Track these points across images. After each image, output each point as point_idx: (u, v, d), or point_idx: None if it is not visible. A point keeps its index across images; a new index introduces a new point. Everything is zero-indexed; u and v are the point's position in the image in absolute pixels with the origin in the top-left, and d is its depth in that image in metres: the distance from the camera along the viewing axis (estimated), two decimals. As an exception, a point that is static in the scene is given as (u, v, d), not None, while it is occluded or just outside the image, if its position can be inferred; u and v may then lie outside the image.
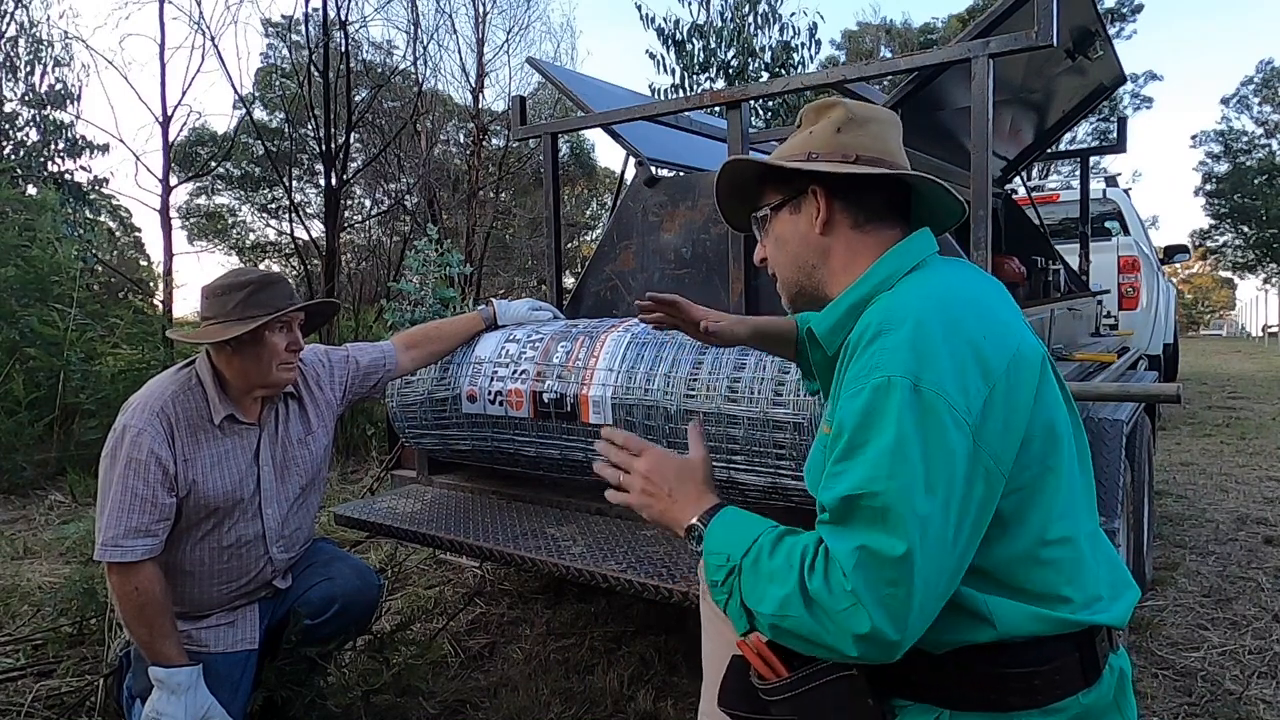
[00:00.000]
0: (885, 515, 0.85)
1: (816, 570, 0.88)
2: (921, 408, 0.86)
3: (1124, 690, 0.99)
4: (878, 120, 1.10)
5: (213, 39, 8.41)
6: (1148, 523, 2.93)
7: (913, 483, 0.85)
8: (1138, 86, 24.63)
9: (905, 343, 0.90)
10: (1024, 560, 0.93)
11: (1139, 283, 6.03)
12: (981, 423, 0.88)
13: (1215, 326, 39.38)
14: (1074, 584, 0.95)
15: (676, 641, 2.46)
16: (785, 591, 0.89)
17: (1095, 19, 2.73)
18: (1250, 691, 2.19)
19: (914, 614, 0.84)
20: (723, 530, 1.01)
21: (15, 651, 2.39)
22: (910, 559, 0.83)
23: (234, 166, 17.02)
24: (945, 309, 0.94)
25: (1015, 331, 0.97)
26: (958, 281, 1.01)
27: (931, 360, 0.88)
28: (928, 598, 0.85)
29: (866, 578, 0.84)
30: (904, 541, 0.84)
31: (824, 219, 1.08)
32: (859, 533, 0.87)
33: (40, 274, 5.43)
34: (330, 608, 1.87)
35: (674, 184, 2.64)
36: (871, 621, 0.84)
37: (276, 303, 1.71)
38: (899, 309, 0.95)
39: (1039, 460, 0.93)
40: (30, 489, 4.66)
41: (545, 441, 2.14)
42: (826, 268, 1.10)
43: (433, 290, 5.56)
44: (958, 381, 0.88)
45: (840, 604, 0.85)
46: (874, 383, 0.89)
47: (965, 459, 0.87)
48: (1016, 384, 0.92)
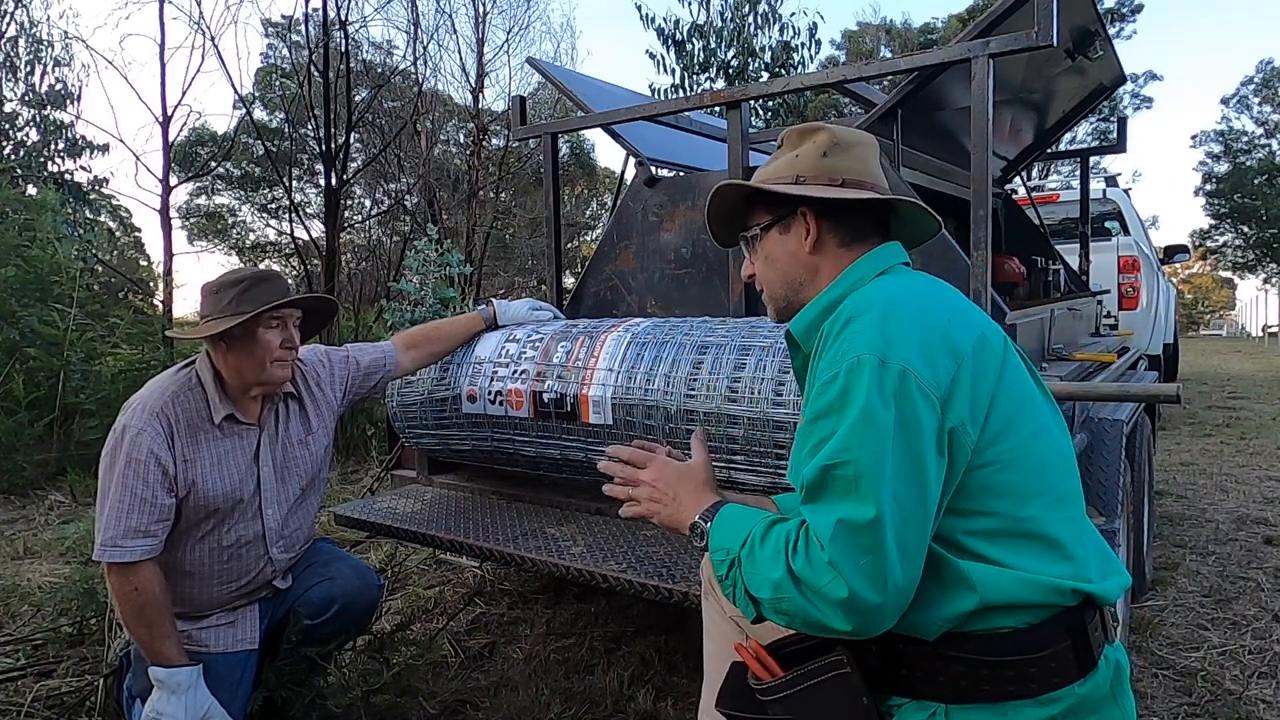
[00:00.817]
0: (857, 483, 0.90)
1: (799, 550, 0.92)
2: (889, 380, 0.91)
3: (1120, 682, 1.00)
4: (860, 144, 1.17)
5: (213, 39, 8.39)
6: (1148, 523, 2.93)
7: (881, 450, 0.89)
8: (1138, 86, 24.62)
9: (874, 324, 0.96)
10: (1004, 534, 0.96)
11: (1139, 283, 6.03)
12: (949, 396, 0.93)
13: (1215, 326, 39.37)
14: (1057, 555, 0.96)
15: (676, 641, 2.46)
16: (777, 576, 0.93)
17: (1095, 19, 2.73)
18: (1250, 691, 2.19)
19: (892, 576, 0.88)
20: (722, 526, 1.05)
21: (15, 651, 2.39)
22: (881, 522, 0.88)
23: (234, 166, 17.01)
24: (912, 297, 1.02)
25: (979, 318, 1.04)
26: (922, 280, 1.09)
27: (899, 338, 0.94)
28: (904, 559, 0.89)
29: (842, 547, 0.89)
30: (873, 506, 0.88)
31: (814, 239, 1.14)
32: (833, 505, 0.91)
33: (40, 274, 5.43)
34: (330, 608, 1.87)
35: (674, 184, 2.64)
36: (849, 587, 0.87)
37: (269, 298, 1.71)
38: (868, 298, 1.03)
39: (1009, 437, 0.97)
40: (30, 489, 4.66)
41: (545, 441, 2.14)
42: (814, 284, 1.16)
43: (433, 290, 5.55)
44: (925, 358, 0.93)
45: (822, 578, 0.89)
46: (845, 365, 0.94)
47: (933, 428, 0.91)
48: (983, 363, 0.97)
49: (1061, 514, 0.99)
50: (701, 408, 1.83)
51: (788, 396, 1.73)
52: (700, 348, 1.91)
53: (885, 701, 0.99)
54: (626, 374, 1.97)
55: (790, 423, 1.72)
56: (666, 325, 2.05)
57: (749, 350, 1.83)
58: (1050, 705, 0.93)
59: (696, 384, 1.86)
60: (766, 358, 1.80)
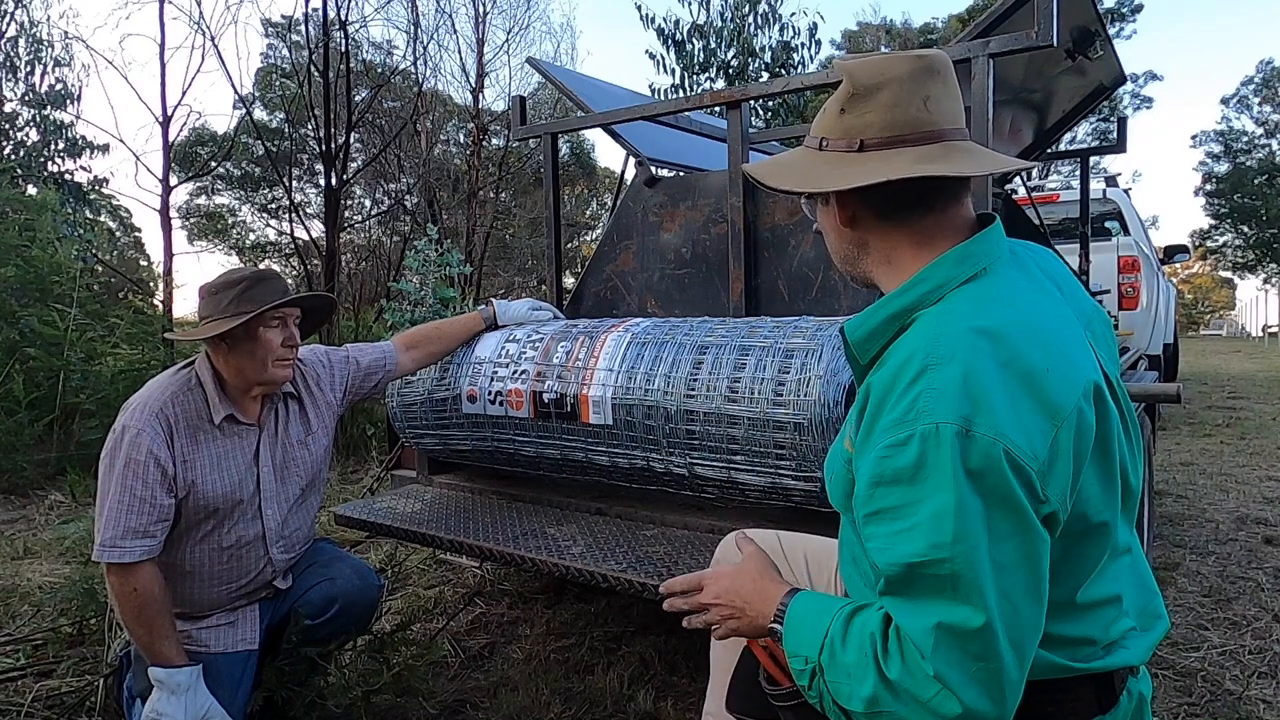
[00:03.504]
0: (955, 583, 0.78)
1: (892, 656, 0.82)
2: (978, 457, 0.78)
3: (1142, 714, 0.97)
4: (889, 83, 0.93)
5: (213, 39, 8.39)
6: (1148, 523, 2.93)
7: (978, 544, 0.77)
8: (1138, 86, 24.64)
9: (954, 381, 0.80)
10: (1060, 607, 0.87)
11: (1139, 283, 6.03)
12: (1049, 467, 0.80)
13: (1215, 326, 39.38)
14: (1103, 628, 0.91)
15: (676, 641, 2.45)
16: (869, 690, 0.82)
17: (1095, 19, 2.73)
18: (1250, 691, 2.19)
19: (1008, 681, 0.78)
20: (794, 629, 0.95)
21: (15, 651, 2.39)
22: (991, 628, 0.77)
23: (234, 166, 17.01)
24: (1000, 339, 0.83)
25: (1082, 364, 0.87)
26: (1020, 302, 0.89)
27: (985, 401, 0.79)
28: (1019, 656, 0.79)
29: (948, 657, 0.78)
30: (981, 612, 0.77)
31: (844, 216, 0.99)
32: (930, 606, 0.80)
33: (40, 274, 5.43)
34: (331, 608, 1.87)
35: (674, 184, 2.64)
36: (963, 704, 0.77)
37: (269, 298, 1.70)
38: (945, 341, 0.84)
39: (1094, 510, 0.87)
40: (30, 489, 4.66)
41: (545, 441, 2.14)
42: (868, 259, 1.00)
43: (433, 290, 5.56)
44: (1016, 422, 0.79)
45: (927, 691, 0.79)
46: (921, 430, 0.80)
47: (1031, 509, 0.79)
48: (1085, 423, 0.83)
49: (1116, 571, 0.92)
50: (701, 408, 1.83)
51: (788, 396, 1.73)
52: (700, 348, 1.91)
53: None
54: (626, 374, 1.97)
55: (790, 423, 1.72)
56: (666, 325, 2.05)
57: (749, 350, 1.83)
58: None
59: (696, 384, 1.86)
60: (766, 358, 1.80)
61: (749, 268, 2.31)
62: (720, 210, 2.44)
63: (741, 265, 2.31)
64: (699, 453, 1.86)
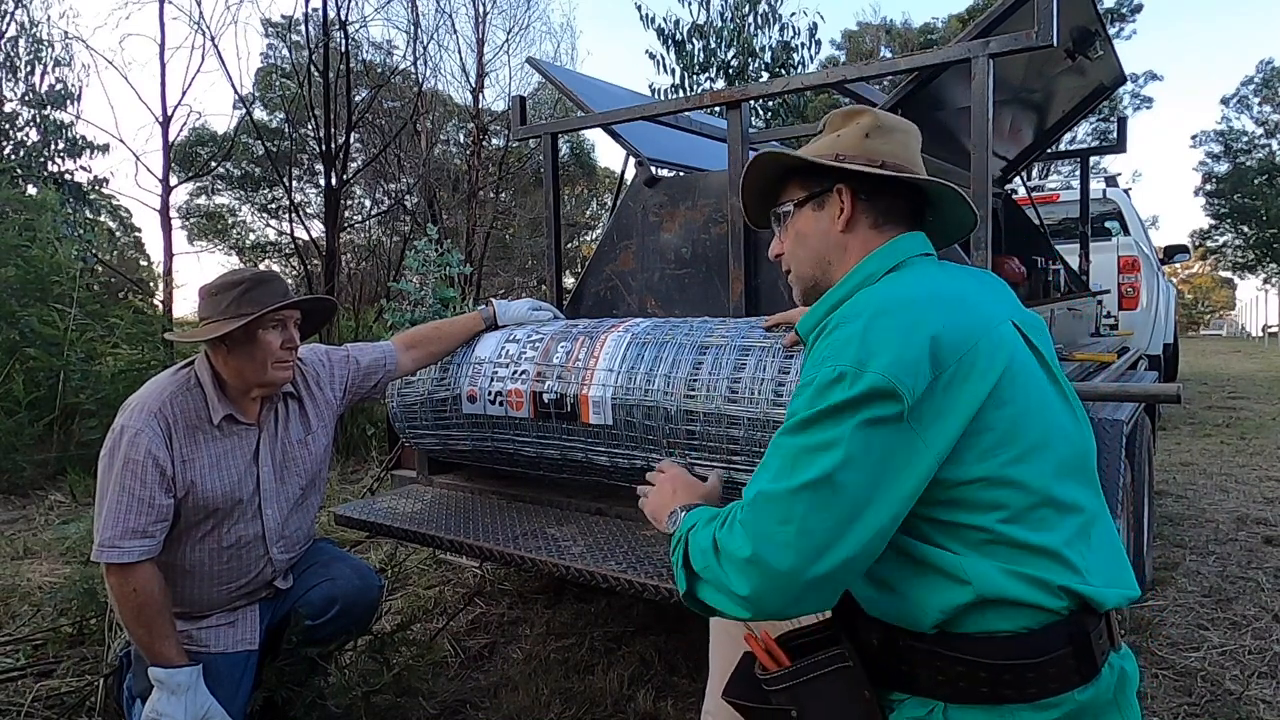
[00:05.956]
0: (792, 464, 0.93)
1: (728, 522, 0.97)
2: (856, 391, 0.91)
3: (1125, 690, 0.99)
4: (903, 130, 1.16)
5: (213, 39, 8.40)
6: (1148, 523, 2.93)
7: (830, 442, 0.90)
8: (1138, 86, 24.62)
9: (857, 335, 0.95)
10: (997, 543, 0.94)
11: (1139, 283, 6.03)
12: (921, 402, 0.91)
13: (1215, 326, 39.36)
14: (1052, 563, 0.94)
15: (676, 641, 2.46)
16: (705, 544, 0.98)
17: (1095, 19, 2.73)
18: (1250, 691, 2.19)
19: (807, 552, 0.89)
20: (690, 516, 1.10)
21: (15, 651, 2.39)
22: (801, 496, 0.90)
23: (234, 166, 17.01)
24: (908, 301, 0.98)
25: (983, 326, 0.98)
26: (935, 279, 1.05)
27: (880, 350, 0.92)
28: (824, 540, 0.89)
29: (755, 512, 0.93)
30: (800, 480, 0.90)
31: (847, 216, 1.12)
32: (757, 479, 0.96)
33: (40, 274, 5.44)
34: (331, 608, 1.87)
35: (674, 184, 2.64)
36: (753, 548, 0.91)
37: (269, 300, 1.70)
38: (862, 303, 1.01)
39: (1004, 451, 0.95)
40: (30, 489, 4.66)
41: (545, 441, 2.14)
42: (841, 263, 1.14)
43: (433, 290, 5.56)
44: (901, 367, 0.91)
45: (734, 540, 0.94)
46: (822, 375, 0.95)
47: (897, 441, 0.91)
48: (969, 373, 0.94)
49: (1062, 524, 0.96)
50: (701, 408, 1.83)
51: (788, 397, 1.73)
52: (700, 348, 1.91)
53: (887, 696, 1.00)
54: (626, 374, 1.97)
55: (790, 423, 1.72)
56: (666, 325, 2.05)
57: (749, 350, 1.83)
58: (1047, 710, 0.92)
59: (696, 384, 1.86)
60: (766, 358, 1.80)
61: (749, 268, 2.31)
62: (720, 210, 2.44)
63: (741, 265, 2.31)
64: (699, 453, 1.86)
